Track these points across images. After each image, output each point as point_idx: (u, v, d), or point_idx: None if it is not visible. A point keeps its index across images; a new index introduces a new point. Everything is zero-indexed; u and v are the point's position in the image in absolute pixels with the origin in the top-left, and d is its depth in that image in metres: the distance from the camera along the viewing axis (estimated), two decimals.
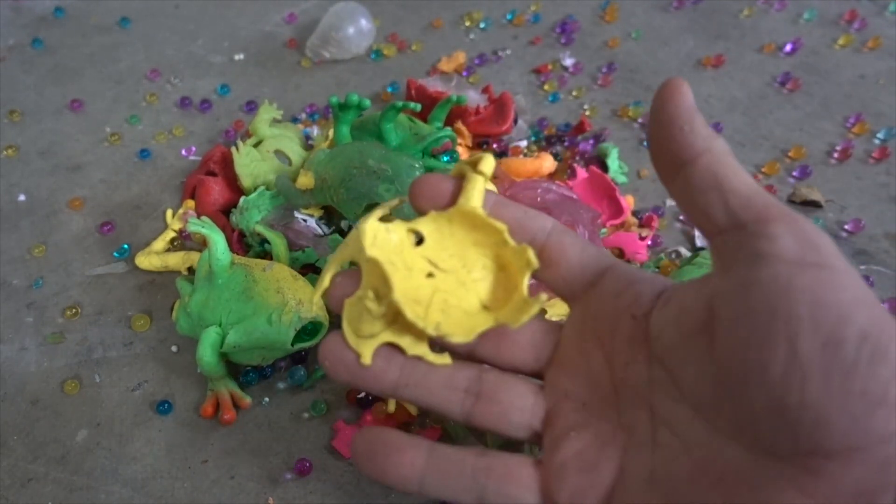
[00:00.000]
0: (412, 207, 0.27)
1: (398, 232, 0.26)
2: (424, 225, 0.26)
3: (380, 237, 0.26)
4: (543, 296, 0.28)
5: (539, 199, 0.41)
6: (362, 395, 0.40)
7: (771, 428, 0.20)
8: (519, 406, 0.26)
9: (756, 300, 0.20)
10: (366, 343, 0.26)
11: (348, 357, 0.26)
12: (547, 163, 0.48)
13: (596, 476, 0.23)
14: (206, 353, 0.38)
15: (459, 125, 0.51)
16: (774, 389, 0.19)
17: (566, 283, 0.26)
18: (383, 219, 0.26)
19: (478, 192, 0.26)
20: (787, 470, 0.20)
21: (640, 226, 0.47)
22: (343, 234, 0.45)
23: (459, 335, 0.25)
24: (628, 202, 0.47)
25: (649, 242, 0.46)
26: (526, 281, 0.25)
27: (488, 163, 0.26)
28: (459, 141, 0.51)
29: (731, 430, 0.21)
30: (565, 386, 0.26)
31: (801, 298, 0.19)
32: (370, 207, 0.41)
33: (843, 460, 0.19)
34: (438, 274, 0.26)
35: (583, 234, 0.39)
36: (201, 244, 0.47)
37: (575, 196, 0.43)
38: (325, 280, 0.27)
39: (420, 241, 0.27)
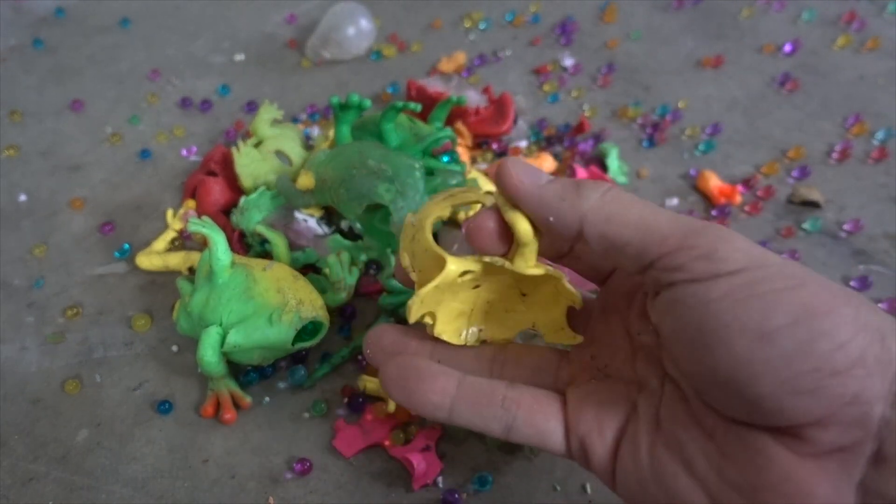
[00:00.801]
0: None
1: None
2: (476, 265, 0.27)
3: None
4: (579, 338, 0.30)
5: None
6: (356, 394, 0.40)
7: (741, 412, 0.21)
8: (545, 368, 0.28)
9: (683, 321, 0.21)
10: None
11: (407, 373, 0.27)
12: (547, 163, 0.48)
13: (611, 412, 0.25)
14: (207, 352, 0.38)
15: (459, 125, 0.51)
16: (729, 388, 0.21)
17: (594, 272, 0.29)
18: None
19: (534, 254, 0.26)
20: (772, 432, 0.21)
21: None
22: (343, 234, 0.46)
23: (501, 335, 0.29)
24: None
25: None
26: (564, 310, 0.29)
27: (524, 228, 0.26)
28: (459, 141, 0.51)
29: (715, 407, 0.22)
30: (591, 352, 0.28)
31: (720, 308, 0.20)
32: (371, 208, 0.42)
33: (817, 426, 0.20)
34: (484, 284, 0.29)
35: None
36: (202, 244, 0.48)
37: None
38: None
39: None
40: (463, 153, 0.50)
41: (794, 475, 0.20)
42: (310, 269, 0.44)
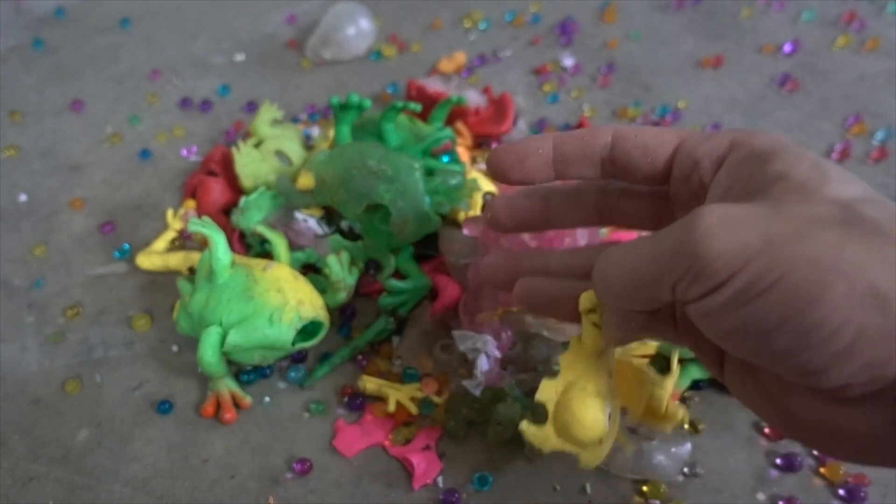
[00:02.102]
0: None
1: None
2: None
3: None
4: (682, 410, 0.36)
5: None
6: (356, 394, 0.40)
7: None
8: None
9: (702, 328, 0.23)
10: None
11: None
12: None
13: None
14: (207, 352, 0.38)
15: (459, 125, 0.51)
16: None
17: (647, 179, 0.28)
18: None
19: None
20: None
21: None
22: (343, 234, 0.45)
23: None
24: None
25: None
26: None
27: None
28: (459, 141, 0.51)
29: None
30: None
31: (719, 321, 0.22)
32: (371, 208, 0.42)
33: (842, 389, 0.21)
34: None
35: (583, 235, 0.39)
36: (202, 244, 0.48)
37: None
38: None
39: None
40: (463, 153, 0.50)
41: (836, 415, 0.22)
42: (310, 269, 0.44)
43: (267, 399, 0.41)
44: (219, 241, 0.39)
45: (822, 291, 0.19)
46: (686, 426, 0.38)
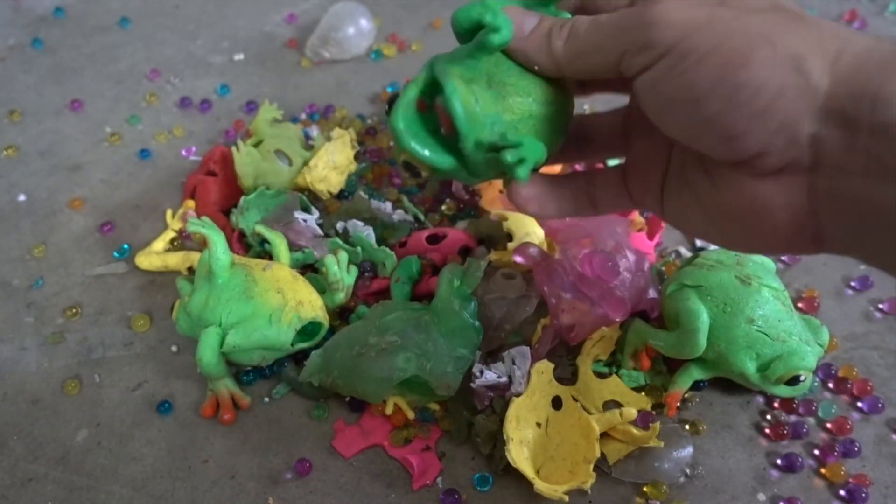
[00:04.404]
0: None
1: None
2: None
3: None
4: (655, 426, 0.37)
5: (577, 225, 0.41)
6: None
7: (714, 154, 0.25)
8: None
9: (645, 103, 0.26)
10: None
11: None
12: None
13: (654, 174, 0.29)
14: (206, 353, 0.38)
15: None
16: (692, 143, 0.25)
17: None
18: None
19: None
20: (737, 166, 0.25)
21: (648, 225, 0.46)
22: (342, 235, 0.45)
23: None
24: None
25: (658, 242, 0.46)
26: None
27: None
28: None
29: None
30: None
31: (660, 89, 0.25)
32: (405, 385, 0.38)
33: (761, 156, 0.24)
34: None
35: (622, 251, 0.40)
36: (201, 244, 0.47)
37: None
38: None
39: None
40: None
41: (758, 191, 0.25)
42: (310, 269, 0.44)
43: (267, 399, 0.40)
44: (218, 241, 0.38)
45: (750, 54, 0.22)
46: (687, 427, 0.38)
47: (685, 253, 0.46)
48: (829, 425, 0.38)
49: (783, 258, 0.45)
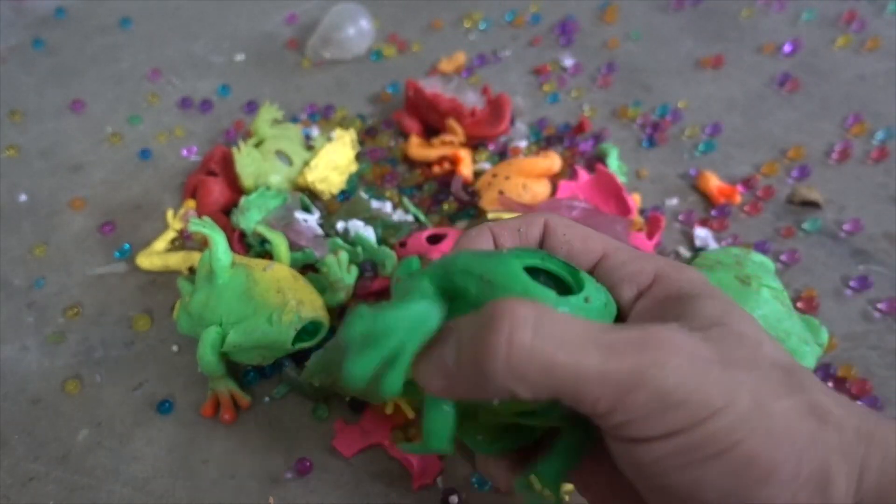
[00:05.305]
0: None
1: None
2: None
3: None
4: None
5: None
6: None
7: None
8: None
9: (625, 469, 0.21)
10: None
11: None
12: (556, 162, 0.48)
13: None
14: (207, 352, 0.38)
15: (452, 122, 0.51)
16: None
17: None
18: None
19: None
20: None
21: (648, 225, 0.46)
22: (342, 235, 0.45)
23: None
24: (635, 201, 0.47)
25: (658, 242, 0.46)
26: None
27: None
28: (452, 139, 0.51)
29: None
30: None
31: (653, 472, 0.20)
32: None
33: None
34: None
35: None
36: (202, 244, 0.48)
37: (592, 207, 0.43)
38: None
39: None
40: (459, 153, 0.50)
41: None
42: (310, 269, 0.44)
43: (267, 399, 0.41)
44: (219, 241, 0.39)
45: (774, 465, 0.19)
46: None
47: (685, 253, 0.46)
48: None
49: (782, 258, 0.45)
